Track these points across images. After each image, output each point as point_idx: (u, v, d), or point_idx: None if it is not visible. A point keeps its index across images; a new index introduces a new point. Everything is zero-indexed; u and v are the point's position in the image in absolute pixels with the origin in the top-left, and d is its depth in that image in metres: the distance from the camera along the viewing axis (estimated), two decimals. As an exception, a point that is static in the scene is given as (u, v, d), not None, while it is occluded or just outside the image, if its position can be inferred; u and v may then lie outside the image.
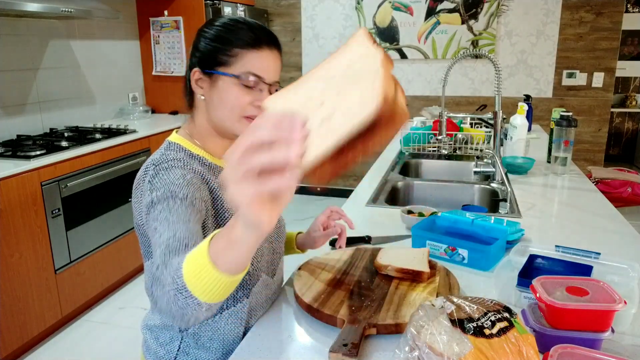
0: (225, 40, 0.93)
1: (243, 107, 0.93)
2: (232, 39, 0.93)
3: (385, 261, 1.14)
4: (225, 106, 0.94)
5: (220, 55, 0.93)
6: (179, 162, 0.91)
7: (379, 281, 1.09)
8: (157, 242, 0.78)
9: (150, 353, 1.03)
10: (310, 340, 0.94)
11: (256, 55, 0.93)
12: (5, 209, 2.20)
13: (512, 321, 0.79)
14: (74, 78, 3.28)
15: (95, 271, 2.78)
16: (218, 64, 0.93)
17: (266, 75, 0.94)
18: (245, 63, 0.92)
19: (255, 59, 0.93)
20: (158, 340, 1.02)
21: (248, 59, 0.93)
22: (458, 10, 4.10)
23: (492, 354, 0.74)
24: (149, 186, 0.88)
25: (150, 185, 0.87)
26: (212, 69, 0.94)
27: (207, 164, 0.98)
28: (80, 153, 2.61)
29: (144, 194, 0.89)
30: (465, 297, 0.85)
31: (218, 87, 0.94)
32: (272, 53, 0.96)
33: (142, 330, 1.07)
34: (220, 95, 0.94)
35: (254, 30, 0.94)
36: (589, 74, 4.02)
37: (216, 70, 0.93)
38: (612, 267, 1.07)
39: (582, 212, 1.61)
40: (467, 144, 2.44)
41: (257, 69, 0.93)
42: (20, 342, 2.32)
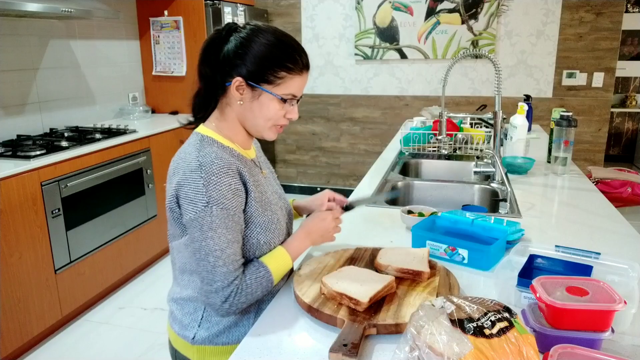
0: (275, 62, 1.02)
1: (278, 119, 1.08)
2: (282, 63, 1.02)
3: (385, 261, 1.15)
4: (263, 117, 1.07)
5: (268, 76, 1.02)
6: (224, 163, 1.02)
7: (379, 281, 1.09)
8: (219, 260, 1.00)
9: (177, 322, 1.15)
10: (310, 340, 0.94)
11: (298, 80, 1.06)
12: (5, 209, 2.20)
13: (512, 321, 0.79)
14: (74, 78, 3.28)
15: (95, 271, 2.78)
16: (264, 81, 1.03)
17: (299, 93, 1.09)
18: (289, 86, 1.05)
19: (297, 83, 1.06)
20: (183, 309, 1.15)
21: (292, 82, 1.05)
22: (458, 10, 4.10)
23: (492, 354, 0.74)
24: (203, 191, 0.99)
25: (205, 190, 0.99)
26: (258, 84, 1.03)
27: (236, 154, 1.10)
28: (80, 153, 2.61)
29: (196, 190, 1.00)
30: (465, 297, 0.85)
31: (260, 100, 1.05)
32: (307, 73, 1.09)
33: (169, 303, 1.19)
34: (261, 108, 1.06)
35: (301, 57, 1.05)
36: (589, 74, 4.01)
37: (262, 87, 1.04)
38: (612, 267, 1.07)
39: (582, 212, 1.61)
40: (467, 144, 2.44)
41: (296, 90, 1.07)
42: (20, 342, 2.32)
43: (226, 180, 1.01)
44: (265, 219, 1.10)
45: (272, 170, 1.30)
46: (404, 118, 4.28)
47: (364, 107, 4.59)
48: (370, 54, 4.39)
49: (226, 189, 1.00)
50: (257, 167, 1.17)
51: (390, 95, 4.49)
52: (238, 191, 1.03)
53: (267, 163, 1.30)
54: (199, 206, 0.99)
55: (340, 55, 4.51)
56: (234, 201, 1.01)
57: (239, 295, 1.01)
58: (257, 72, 1.02)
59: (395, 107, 4.51)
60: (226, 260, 1.00)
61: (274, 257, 1.09)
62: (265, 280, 1.04)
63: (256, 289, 1.03)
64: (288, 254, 1.11)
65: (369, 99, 4.56)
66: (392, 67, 4.41)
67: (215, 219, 0.99)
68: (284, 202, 1.26)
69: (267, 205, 1.12)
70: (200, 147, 1.05)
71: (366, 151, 4.71)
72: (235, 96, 1.05)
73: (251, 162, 1.14)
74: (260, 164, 1.20)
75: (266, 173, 1.21)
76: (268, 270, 1.05)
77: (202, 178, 0.99)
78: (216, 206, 0.99)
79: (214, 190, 0.99)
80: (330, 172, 4.87)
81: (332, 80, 4.60)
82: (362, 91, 4.55)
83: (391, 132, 4.51)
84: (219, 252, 0.99)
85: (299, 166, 4.95)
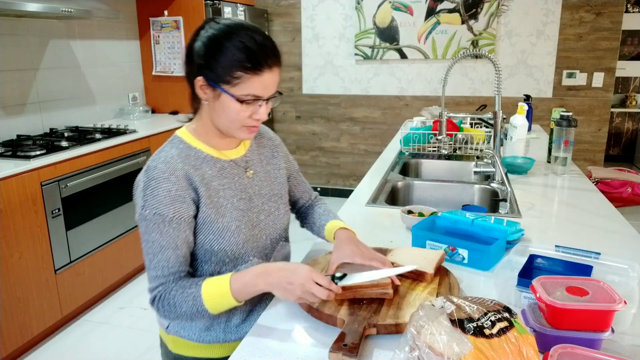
0: (231, 62, 0.97)
1: (242, 120, 1.03)
2: (239, 63, 0.97)
3: (393, 259, 1.15)
4: (227, 118, 1.03)
5: (223, 75, 0.98)
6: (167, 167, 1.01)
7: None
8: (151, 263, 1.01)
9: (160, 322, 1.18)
10: (310, 340, 0.94)
11: (257, 80, 0.99)
12: (5, 209, 2.20)
13: (512, 321, 0.79)
14: (74, 78, 3.28)
15: (95, 271, 2.78)
16: (221, 81, 0.99)
17: (265, 94, 1.01)
18: (248, 87, 0.98)
19: (257, 83, 0.99)
20: None
21: (250, 82, 0.98)
22: (458, 10, 4.10)
23: (492, 354, 0.74)
24: (141, 194, 1.00)
25: (143, 194, 1.00)
26: (216, 84, 1.00)
27: (202, 156, 1.07)
28: (80, 153, 2.61)
29: (137, 199, 1.02)
30: (465, 297, 0.85)
31: (220, 100, 1.01)
32: (273, 72, 1.01)
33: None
34: (223, 108, 1.02)
35: (258, 54, 0.97)
36: (589, 74, 4.01)
37: (219, 87, 0.99)
38: (612, 267, 1.07)
39: (582, 212, 1.61)
40: (467, 144, 2.44)
41: (258, 90, 1.00)
42: (21, 342, 2.32)
43: (164, 186, 0.99)
44: (219, 226, 1.05)
45: (277, 165, 1.23)
46: (404, 118, 4.28)
47: (364, 107, 4.59)
48: (370, 54, 4.39)
49: (163, 194, 0.99)
50: (238, 167, 1.13)
51: (390, 95, 4.49)
52: (179, 197, 1.00)
53: (269, 158, 1.22)
54: (138, 209, 1.01)
55: (340, 55, 4.51)
56: (172, 207, 0.99)
57: (162, 302, 1.00)
58: (215, 71, 0.99)
59: (395, 107, 4.51)
60: (156, 265, 1.00)
61: (215, 282, 1.00)
62: (192, 299, 0.98)
63: (180, 304, 0.99)
64: (229, 285, 0.98)
65: (369, 99, 4.56)
66: (392, 67, 4.41)
67: (150, 223, 0.99)
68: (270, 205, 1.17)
69: (223, 212, 1.06)
70: (161, 149, 1.06)
71: (366, 151, 4.71)
72: (202, 97, 1.03)
73: (228, 164, 1.11)
74: (247, 163, 1.15)
75: (251, 173, 1.15)
76: (199, 291, 0.98)
77: (143, 182, 1.00)
78: (149, 210, 0.98)
79: (150, 195, 0.99)
80: (330, 172, 4.87)
81: (332, 80, 4.60)
82: (362, 91, 4.55)
83: (391, 132, 4.51)
84: (151, 255, 1.00)
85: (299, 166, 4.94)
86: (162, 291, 1.00)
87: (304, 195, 1.38)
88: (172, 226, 0.99)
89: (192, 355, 1.14)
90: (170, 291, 1.00)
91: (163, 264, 1.00)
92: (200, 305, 0.98)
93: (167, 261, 1.00)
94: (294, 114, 4.81)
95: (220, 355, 1.13)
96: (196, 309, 0.99)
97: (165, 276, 1.01)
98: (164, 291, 1.00)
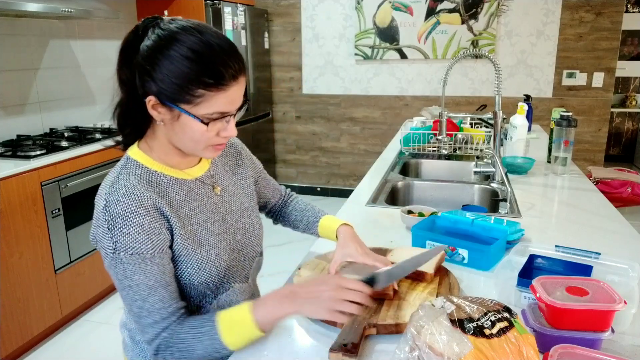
0: (190, 80, 0.82)
1: (208, 140, 0.89)
2: (199, 79, 0.82)
3: (393, 259, 1.15)
4: (190, 139, 0.89)
5: (183, 95, 0.84)
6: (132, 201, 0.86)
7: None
8: (142, 310, 0.87)
9: (128, 350, 1.08)
10: (310, 340, 0.94)
11: (223, 95, 0.85)
12: (5, 209, 2.20)
13: (512, 321, 0.79)
14: (74, 78, 3.28)
15: (95, 271, 2.78)
16: (180, 101, 0.84)
17: (232, 108, 0.88)
18: (213, 104, 0.85)
19: (222, 99, 0.85)
20: (134, 339, 1.05)
21: (216, 100, 0.85)
22: (458, 10, 4.10)
23: (492, 354, 0.74)
24: (107, 236, 0.85)
25: (111, 235, 0.85)
26: (174, 104, 0.85)
27: (166, 180, 0.94)
28: (80, 153, 2.61)
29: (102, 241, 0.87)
30: (465, 297, 0.85)
31: (181, 122, 0.87)
32: (238, 83, 0.87)
33: (120, 330, 1.10)
34: (184, 130, 0.87)
35: (225, 68, 0.84)
36: (589, 74, 4.01)
37: (178, 107, 0.85)
38: (612, 267, 1.07)
39: (582, 212, 1.61)
40: (467, 144, 2.44)
41: (225, 106, 0.86)
42: (21, 342, 2.32)
43: (135, 221, 0.85)
44: (197, 258, 0.93)
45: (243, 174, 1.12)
46: (404, 118, 4.27)
47: (364, 107, 4.59)
48: (370, 54, 4.39)
49: (136, 230, 0.85)
50: (205, 185, 1.00)
51: (390, 95, 4.49)
52: (154, 229, 0.87)
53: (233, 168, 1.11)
54: (108, 253, 0.86)
55: (340, 55, 4.51)
56: (149, 242, 0.86)
57: (170, 349, 0.86)
58: (170, 91, 0.83)
59: (395, 107, 4.51)
60: (150, 310, 0.87)
61: (232, 316, 0.87)
62: (208, 338, 0.85)
63: (194, 346, 0.86)
64: (251, 316, 0.85)
65: (369, 99, 4.56)
66: (392, 67, 4.41)
67: (128, 266, 0.85)
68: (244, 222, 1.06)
69: (199, 240, 0.95)
70: (116, 178, 0.90)
71: (366, 151, 4.71)
72: (156, 117, 0.88)
73: (194, 183, 0.98)
74: (213, 179, 1.03)
75: (219, 189, 1.03)
76: (215, 328, 0.85)
77: (107, 221, 0.85)
78: (124, 252, 0.84)
79: (119, 235, 0.84)
80: (330, 172, 4.87)
81: (332, 80, 4.60)
82: (362, 91, 4.55)
83: (391, 132, 4.51)
84: (140, 301, 0.86)
85: (299, 166, 4.95)
86: (168, 337, 0.87)
87: (275, 194, 1.27)
88: (154, 262, 0.87)
89: None
90: (178, 335, 0.87)
91: (158, 305, 0.87)
92: (218, 344, 0.85)
93: (162, 302, 0.87)
94: (294, 114, 4.81)
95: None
96: (214, 348, 0.86)
97: (165, 319, 0.88)
98: (169, 337, 0.87)
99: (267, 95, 4.72)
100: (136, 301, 0.87)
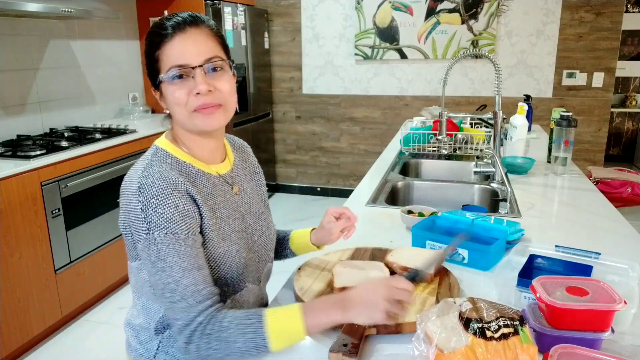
0: (148, 50, 0.93)
1: (184, 102, 0.92)
2: (150, 44, 0.93)
3: (393, 259, 1.15)
4: (174, 108, 0.94)
5: (152, 67, 0.93)
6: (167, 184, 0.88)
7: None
8: (175, 293, 0.85)
9: (132, 350, 1.06)
10: (310, 340, 0.94)
11: (170, 47, 0.90)
12: (5, 209, 2.20)
13: (518, 329, 0.80)
14: (74, 78, 3.28)
15: (95, 271, 2.78)
16: (155, 74, 0.94)
17: (190, 59, 0.90)
18: (166, 60, 0.91)
19: (171, 50, 0.90)
20: (138, 338, 1.04)
21: (166, 54, 0.91)
22: (458, 10, 4.10)
23: (483, 355, 0.75)
24: (141, 216, 0.87)
25: (144, 214, 0.86)
26: (156, 82, 0.95)
27: (194, 171, 0.97)
28: (80, 153, 2.61)
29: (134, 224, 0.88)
30: (490, 302, 0.87)
31: (164, 94, 0.95)
32: (189, 34, 0.91)
33: (125, 329, 1.09)
34: (167, 101, 0.95)
35: (163, 25, 0.92)
36: (589, 74, 4.01)
37: (157, 81, 0.94)
38: (612, 267, 1.07)
39: (582, 212, 1.61)
40: (467, 144, 2.44)
41: (177, 58, 0.90)
42: (21, 342, 2.32)
43: (170, 202, 0.87)
44: (220, 251, 0.94)
45: (259, 181, 1.17)
46: (404, 118, 4.28)
47: (364, 107, 4.59)
48: (370, 54, 4.39)
49: (171, 211, 0.86)
50: (227, 184, 1.03)
51: (390, 95, 4.49)
52: (188, 212, 0.89)
53: (251, 174, 1.15)
54: (142, 234, 0.87)
55: (340, 55, 4.51)
56: (184, 224, 0.87)
57: (208, 337, 0.82)
58: (149, 70, 0.95)
59: (395, 107, 4.51)
60: (184, 293, 0.84)
61: (283, 315, 0.84)
62: (252, 331, 0.82)
63: (235, 337, 0.82)
64: (302, 319, 0.83)
65: (369, 99, 4.56)
66: (392, 67, 4.41)
67: (162, 246, 0.85)
68: (260, 225, 1.09)
69: (222, 234, 0.96)
70: (148, 164, 0.92)
71: (366, 151, 4.71)
72: (162, 106, 0.99)
73: (218, 180, 1.01)
74: (233, 179, 1.06)
75: (238, 189, 1.05)
76: (262, 323, 0.82)
77: (140, 202, 0.87)
78: (159, 232, 0.85)
79: (154, 215, 0.85)
80: (330, 172, 4.87)
81: (332, 80, 4.60)
82: (362, 91, 4.55)
83: (391, 132, 4.51)
84: (173, 284, 0.85)
85: (299, 166, 4.95)
86: (205, 322, 0.83)
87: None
88: (188, 244, 0.87)
89: None
90: (219, 322, 0.83)
91: (192, 288, 0.85)
92: (261, 340, 0.81)
93: (196, 285, 0.85)
94: (294, 114, 4.81)
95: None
96: (254, 344, 0.82)
97: (200, 302, 0.85)
98: (207, 322, 0.83)
99: (267, 95, 4.72)
100: (169, 284, 0.85)
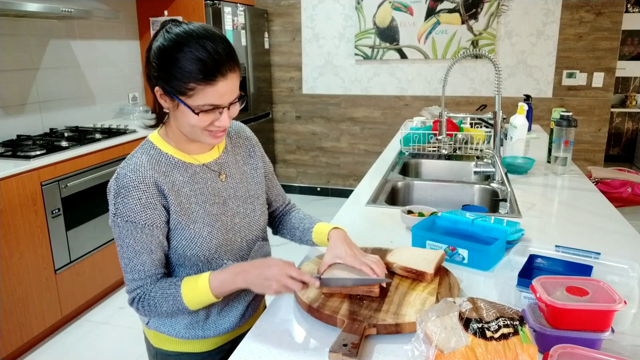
0: (181, 74, 0.96)
1: (204, 127, 1.02)
2: (190, 75, 0.95)
3: (393, 259, 1.15)
4: (188, 125, 1.02)
5: (178, 87, 0.97)
6: (136, 176, 1.02)
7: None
8: (127, 267, 1.05)
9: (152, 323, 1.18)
10: (310, 340, 0.94)
11: (212, 90, 0.97)
12: (5, 209, 2.20)
13: (518, 329, 0.80)
14: (74, 78, 3.28)
15: (95, 271, 2.78)
16: (177, 92, 0.98)
17: (223, 101, 1.00)
18: (204, 97, 0.97)
19: (211, 92, 0.97)
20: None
21: (205, 93, 0.97)
22: (458, 10, 4.10)
23: (484, 355, 0.75)
24: (113, 201, 1.02)
25: (115, 201, 1.02)
26: (173, 95, 0.99)
27: (174, 162, 1.08)
28: (80, 153, 2.61)
29: (110, 204, 1.04)
30: (489, 302, 0.87)
31: (180, 110, 1.01)
32: (228, 79, 0.98)
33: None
34: (182, 117, 1.02)
35: (210, 64, 0.95)
36: (589, 74, 4.02)
37: (176, 97, 0.99)
38: (612, 267, 1.07)
39: (582, 212, 1.61)
40: (467, 144, 2.44)
41: (215, 99, 0.98)
42: (21, 342, 2.32)
43: (135, 194, 1.01)
44: (190, 232, 1.07)
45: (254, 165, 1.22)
46: (404, 118, 4.28)
47: (364, 107, 4.59)
48: (370, 54, 4.39)
49: (134, 202, 1.01)
50: (211, 171, 1.13)
51: (390, 95, 4.49)
52: (150, 204, 1.02)
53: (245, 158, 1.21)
54: (111, 216, 1.03)
55: (340, 55, 4.51)
56: (144, 215, 1.01)
57: (142, 303, 1.05)
58: (170, 83, 0.98)
59: (395, 107, 4.51)
60: (133, 269, 1.04)
61: (194, 281, 1.05)
62: (172, 298, 1.04)
63: (161, 304, 1.04)
64: (208, 284, 1.03)
65: (369, 99, 4.56)
66: (392, 67, 4.41)
67: (123, 229, 1.02)
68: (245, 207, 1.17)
69: (194, 217, 1.07)
70: (131, 155, 1.06)
71: (366, 151, 4.71)
72: (163, 104, 1.04)
73: (200, 168, 1.11)
74: (220, 167, 1.15)
75: (225, 176, 1.15)
76: (179, 291, 1.04)
77: (114, 189, 1.02)
78: (121, 218, 1.01)
79: (121, 204, 1.01)
80: (330, 172, 4.87)
81: (332, 80, 4.60)
82: (362, 91, 4.55)
83: (391, 132, 4.51)
84: (126, 260, 1.04)
85: (298, 166, 4.95)
86: (141, 293, 1.05)
87: (277, 199, 1.34)
88: (144, 232, 1.03)
89: (172, 350, 1.18)
90: (149, 293, 1.05)
91: (139, 267, 1.04)
92: (180, 304, 1.04)
93: (143, 265, 1.04)
94: (294, 114, 4.81)
95: (200, 350, 1.17)
96: (176, 307, 1.04)
97: (142, 279, 1.05)
98: (142, 293, 1.05)
99: (267, 95, 4.72)
100: (124, 259, 1.05)
